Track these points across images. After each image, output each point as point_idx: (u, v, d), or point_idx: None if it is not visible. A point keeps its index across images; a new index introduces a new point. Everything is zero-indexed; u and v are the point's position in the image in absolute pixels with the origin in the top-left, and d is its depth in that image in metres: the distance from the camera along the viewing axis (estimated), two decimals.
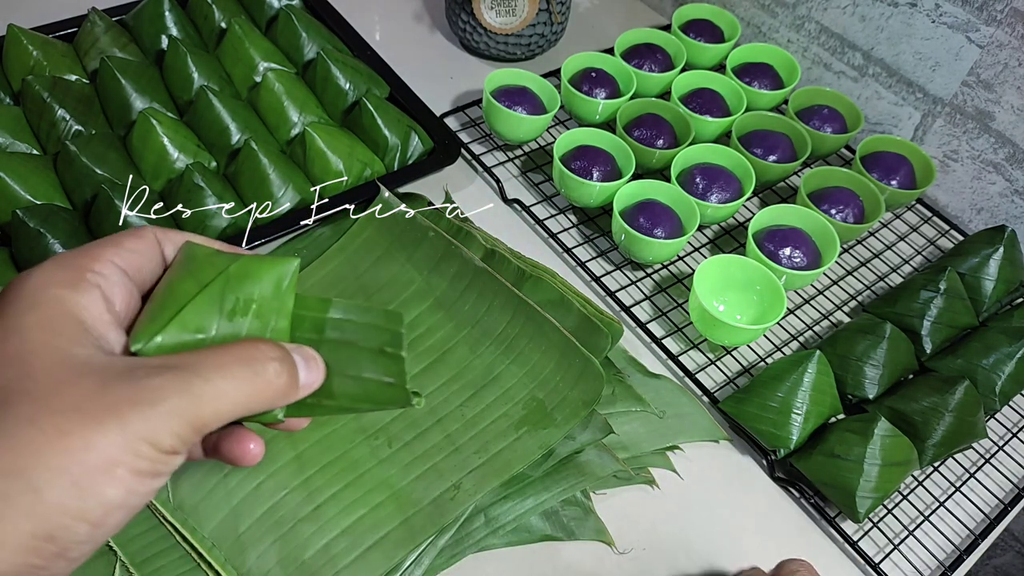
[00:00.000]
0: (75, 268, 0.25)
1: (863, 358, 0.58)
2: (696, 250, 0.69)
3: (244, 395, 0.25)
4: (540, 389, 0.53)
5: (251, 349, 0.26)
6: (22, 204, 0.58)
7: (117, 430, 0.22)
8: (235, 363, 0.25)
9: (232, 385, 0.24)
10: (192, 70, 0.69)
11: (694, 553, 0.51)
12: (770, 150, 0.71)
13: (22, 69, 0.68)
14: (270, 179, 0.62)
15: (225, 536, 0.46)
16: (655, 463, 0.54)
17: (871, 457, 0.51)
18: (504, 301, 0.57)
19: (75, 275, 0.25)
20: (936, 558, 0.53)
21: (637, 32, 0.81)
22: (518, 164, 0.75)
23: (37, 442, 0.21)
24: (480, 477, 0.49)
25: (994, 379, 0.58)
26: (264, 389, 0.25)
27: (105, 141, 0.63)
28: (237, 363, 0.25)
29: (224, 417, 0.24)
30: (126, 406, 0.22)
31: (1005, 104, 0.69)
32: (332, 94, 0.71)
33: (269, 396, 0.26)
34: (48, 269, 0.25)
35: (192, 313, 0.26)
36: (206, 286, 0.26)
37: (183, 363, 0.24)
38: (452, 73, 0.84)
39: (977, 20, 0.68)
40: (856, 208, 0.67)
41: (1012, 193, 0.72)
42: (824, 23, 0.81)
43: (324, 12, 0.80)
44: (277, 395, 0.26)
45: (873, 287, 0.69)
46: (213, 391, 0.24)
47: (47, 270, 0.25)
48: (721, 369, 0.61)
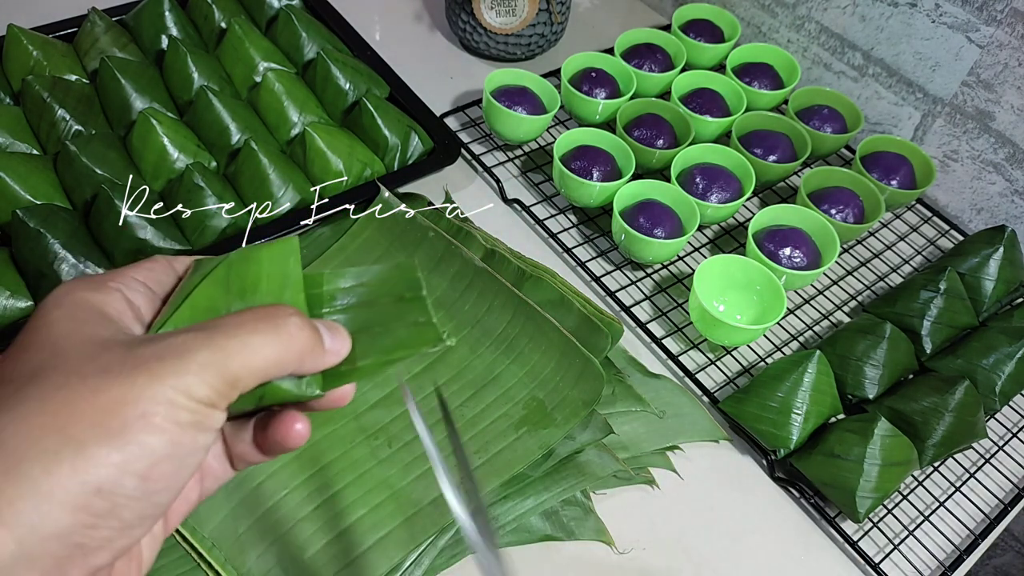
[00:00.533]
0: (97, 279, 0.26)
1: (863, 358, 0.58)
2: (696, 250, 0.69)
3: (270, 348, 0.25)
4: (540, 389, 0.53)
5: (268, 307, 0.26)
6: (22, 204, 0.58)
7: (147, 382, 0.22)
8: (254, 319, 0.25)
9: (256, 339, 0.24)
10: (192, 70, 0.69)
11: (694, 553, 0.51)
12: (770, 150, 0.71)
13: (22, 69, 0.68)
14: (270, 179, 0.62)
15: (225, 536, 0.46)
16: (655, 463, 0.54)
17: (871, 457, 0.51)
18: (504, 301, 0.57)
19: (97, 283, 0.26)
20: (936, 558, 0.53)
21: (637, 32, 0.81)
22: (518, 164, 0.75)
23: (71, 401, 0.22)
24: (480, 477, 0.49)
25: (994, 379, 0.58)
26: (289, 343, 0.25)
27: (105, 141, 0.63)
28: (256, 319, 0.25)
29: (254, 370, 0.24)
30: (154, 361, 0.23)
31: (1005, 104, 0.69)
32: (332, 94, 0.71)
33: (295, 351, 0.26)
34: (71, 281, 0.26)
35: (201, 297, 0.27)
36: (209, 273, 0.27)
37: (204, 325, 0.25)
38: (452, 73, 0.84)
39: (977, 20, 0.68)
40: (856, 208, 0.67)
41: (1012, 193, 0.72)
42: (824, 23, 0.81)
43: (324, 12, 0.80)
44: (304, 351, 0.26)
45: (873, 287, 0.69)
46: (238, 344, 0.24)
47: (70, 282, 0.26)
48: (721, 369, 0.61)
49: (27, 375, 0.23)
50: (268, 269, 0.28)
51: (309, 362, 0.27)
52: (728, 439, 0.57)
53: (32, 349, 0.24)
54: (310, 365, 0.27)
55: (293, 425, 0.28)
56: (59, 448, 0.21)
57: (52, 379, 0.22)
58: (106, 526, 0.22)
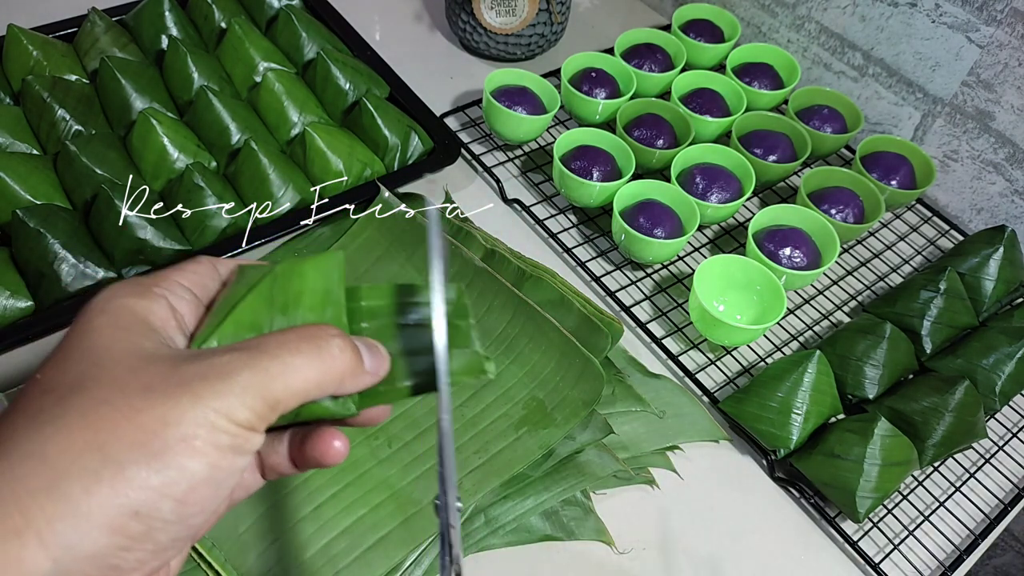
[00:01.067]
0: (142, 284, 0.26)
1: (863, 358, 0.58)
2: (696, 250, 0.69)
3: (312, 370, 0.25)
4: (540, 389, 0.53)
5: (312, 328, 0.26)
6: (22, 204, 0.58)
7: (190, 404, 0.22)
8: (298, 340, 0.25)
9: (299, 361, 0.24)
10: (192, 70, 0.69)
11: (694, 553, 0.51)
12: (770, 150, 0.71)
13: (22, 69, 0.68)
14: (270, 179, 0.62)
15: (225, 536, 0.46)
16: (655, 463, 0.54)
17: (871, 457, 0.51)
18: (504, 301, 0.57)
19: (142, 288, 0.26)
20: (936, 558, 0.53)
21: (637, 32, 0.81)
22: (518, 164, 0.75)
23: (113, 419, 0.21)
24: (480, 477, 0.49)
25: (994, 379, 0.58)
26: (330, 365, 0.25)
27: (105, 141, 0.63)
28: (299, 340, 0.25)
29: (295, 392, 0.24)
30: (197, 381, 0.22)
31: (1005, 104, 0.69)
32: (332, 94, 0.71)
33: (336, 373, 0.26)
34: (116, 285, 0.26)
35: (245, 311, 0.26)
36: (254, 286, 0.27)
37: (248, 344, 0.25)
38: (452, 73, 0.84)
39: (977, 20, 0.68)
40: (856, 208, 0.67)
41: (1012, 193, 0.72)
42: (824, 23, 0.81)
43: (324, 12, 0.80)
44: (345, 372, 0.26)
45: (873, 287, 0.69)
46: (280, 366, 0.24)
47: (115, 286, 0.26)
48: (721, 369, 0.61)
49: (68, 385, 0.22)
50: (312, 284, 0.28)
51: (349, 383, 0.27)
52: (728, 439, 0.57)
53: (74, 358, 0.23)
54: (350, 386, 0.27)
55: (332, 442, 0.28)
56: (99, 468, 0.21)
57: (94, 392, 0.22)
58: (140, 548, 0.22)
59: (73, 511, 0.20)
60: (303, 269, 0.28)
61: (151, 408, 0.22)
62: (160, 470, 0.21)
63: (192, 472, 0.22)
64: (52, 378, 0.23)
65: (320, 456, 0.28)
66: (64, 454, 0.21)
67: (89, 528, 0.20)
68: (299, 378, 0.24)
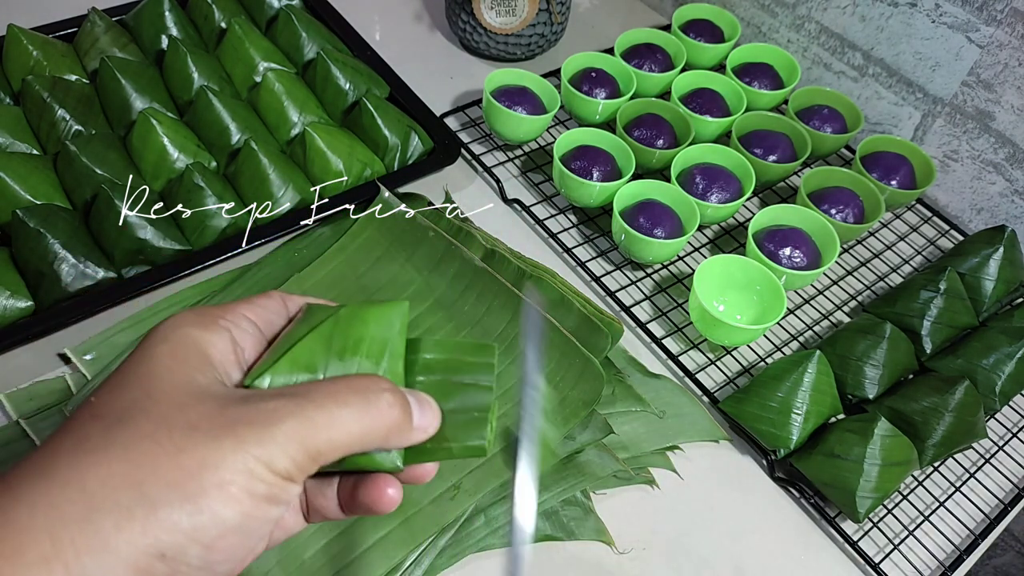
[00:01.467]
0: (208, 314, 0.26)
1: (863, 358, 0.58)
2: (696, 250, 0.69)
3: (357, 424, 0.24)
4: None
5: (363, 379, 0.26)
6: (22, 204, 0.58)
7: (232, 448, 0.22)
8: (347, 391, 0.25)
9: (345, 413, 0.24)
10: (192, 70, 0.69)
11: (694, 553, 0.51)
12: (770, 150, 0.71)
13: (22, 69, 0.68)
14: (270, 179, 0.62)
15: None
16: (655, 463, 0.54)
17: (871, 457, 0.51)
18: (504, 301, 0.57)
19: (208, 319, 0.26)
20: (936, 558, 0.53)
21: (637, 32, 0.81)
22: (518, 164, 0.75)
23: (154, 455, 0.21)
24: (480, 477, 0.49)
25: (994, 379, 0.58)
26: (377, 420, 0.25)
27: (105, 141, 0.63)
28: (349, 391, 0.25)
29: (338, 446, 0.24)
30: (242, 426, 0.22)
31: (1005, 104, 0.69)
32: (332, 94, 0.71)
33: (383, 428, 0.25)
34: (183, 313, 0.26)
35: (302, 351, 0.26)
36: (316, 327, 0.27)
37: (297, 391, 0.24)
38: (452, 73, 0.84)
39: (977, 20, 0.68)
40: (856, 208, 0.67)
41: (1012, 193, 0.72)
42: (824, 23, 0.81)
43: (324, 12, 0.80)
44: (392, 429, 0.26)
45: (873, 287, 0.69)
46: (326, 417, 0.24)
47: (182, 314, 0.26)
48: (721, 369, 0.61)
49: (117, 414, 0.23)
50: (373, 331, 0.28)
51: (395, 439, 0.26)
52: (728, 439, 0.57)
53: (129, 384, 0.24)
54: (395, 441, 0.26)
55: (386, 490, 0.28)
56: (133, 505, 0.21)
57: (141, 426, 0.22)
58: None
59: (102, 546, 0.20)
60: (366, 315, 0.28)
61: (193, 448, 0.22)
62: (192, 514, 0.21)
63: (223, 519, 0.22)
64: (105, 403, 0.23)
65: (372, 503, 0.28)
66: (102, 487, 0.21)
67: (115, 565, 0.20)
68: (343, 431, 0.24)
